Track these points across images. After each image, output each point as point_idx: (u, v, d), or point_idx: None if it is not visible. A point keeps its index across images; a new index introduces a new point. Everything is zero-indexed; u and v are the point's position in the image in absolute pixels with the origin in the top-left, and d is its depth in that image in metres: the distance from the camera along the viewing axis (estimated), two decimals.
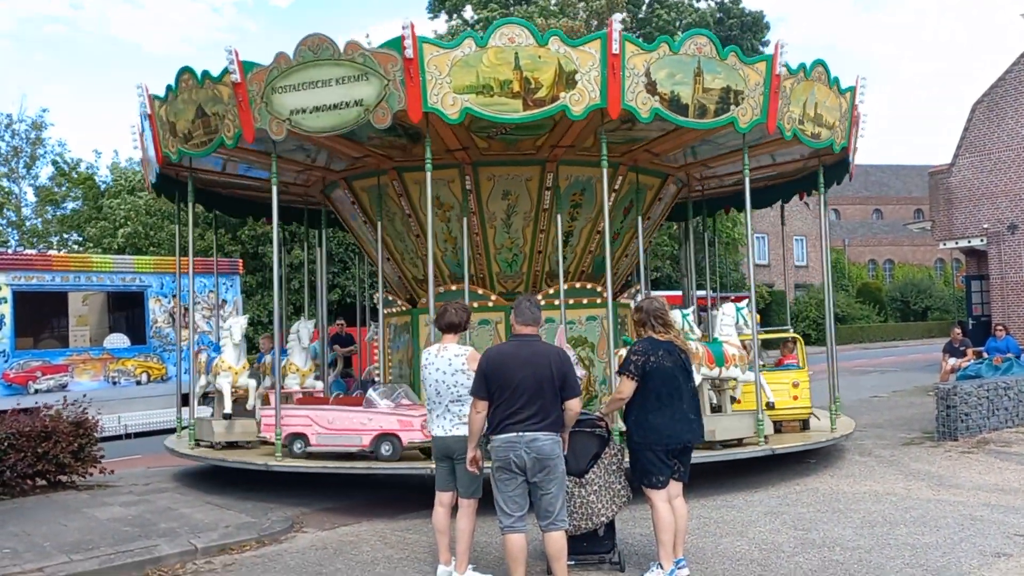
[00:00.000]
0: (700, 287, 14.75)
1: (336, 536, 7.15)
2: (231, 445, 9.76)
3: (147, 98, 9.50)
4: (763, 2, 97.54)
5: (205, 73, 8.51)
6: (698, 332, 9.53)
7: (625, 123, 8.43)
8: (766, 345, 14.72)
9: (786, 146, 9.70)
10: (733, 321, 9.51)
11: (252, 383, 10.09)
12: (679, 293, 14.57)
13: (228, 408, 9.75)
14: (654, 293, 13.98)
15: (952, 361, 15.48)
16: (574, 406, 5.19)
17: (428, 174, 8.11)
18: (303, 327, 10.60)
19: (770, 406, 9.19)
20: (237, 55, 8.05)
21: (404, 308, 10.72)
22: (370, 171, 10.04)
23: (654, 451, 5.44)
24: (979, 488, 8.11)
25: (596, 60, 7.63)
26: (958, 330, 16.71)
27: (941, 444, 10.54)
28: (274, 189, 8.87)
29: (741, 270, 38.80)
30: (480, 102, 7.62)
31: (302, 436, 8.68)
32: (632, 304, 10.16)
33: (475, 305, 9.87)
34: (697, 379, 9.08)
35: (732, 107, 8.13)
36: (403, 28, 7.46)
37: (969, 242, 21.50)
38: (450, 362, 5.57)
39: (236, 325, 10.13)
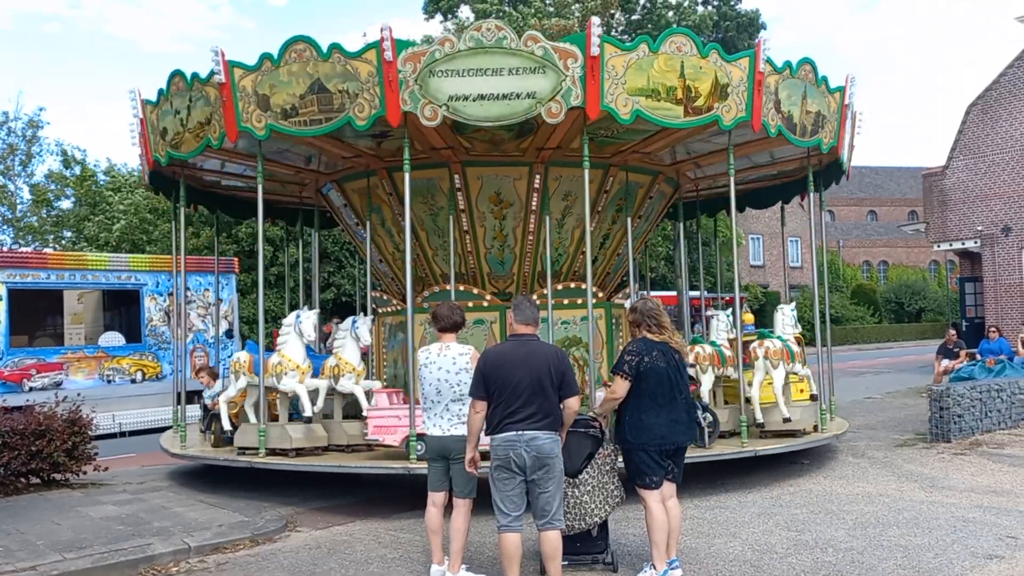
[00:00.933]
0: (695, 287, 14.78)
1: (330, 535, 7.15)
2: (300, 452, 8.71)
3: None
4: (759, 3, 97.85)
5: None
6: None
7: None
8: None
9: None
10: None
11: (323, 384, 9.02)
12: (674, 293, 14.59)
13: (309, 411, 8.65)
14: (649, 293, 13.99)
15: (945, 363, 15.54)
16: (573, 404, 5.21)
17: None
18: (305, 317, 9.49)
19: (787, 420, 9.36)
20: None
21: (399, 307, 10.72)
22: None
23: (648, 451, 5.45)
24: (972, 490, 8.14)
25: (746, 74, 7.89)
26: (952, 332, 16.79)
27: (934, 445, 10.59)
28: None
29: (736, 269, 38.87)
30: (648, 105, 7.85)
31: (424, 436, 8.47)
32: (626, 304, 10.18)
33: (470, 304, 9.88)
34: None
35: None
36: (594, 26, 7.67)
37: (963, 244, 21.59)
38: (454, 361, 5.58)
39: (307, 320, 8.93)
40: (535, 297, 9.81)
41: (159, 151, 9.37)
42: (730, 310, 10.06)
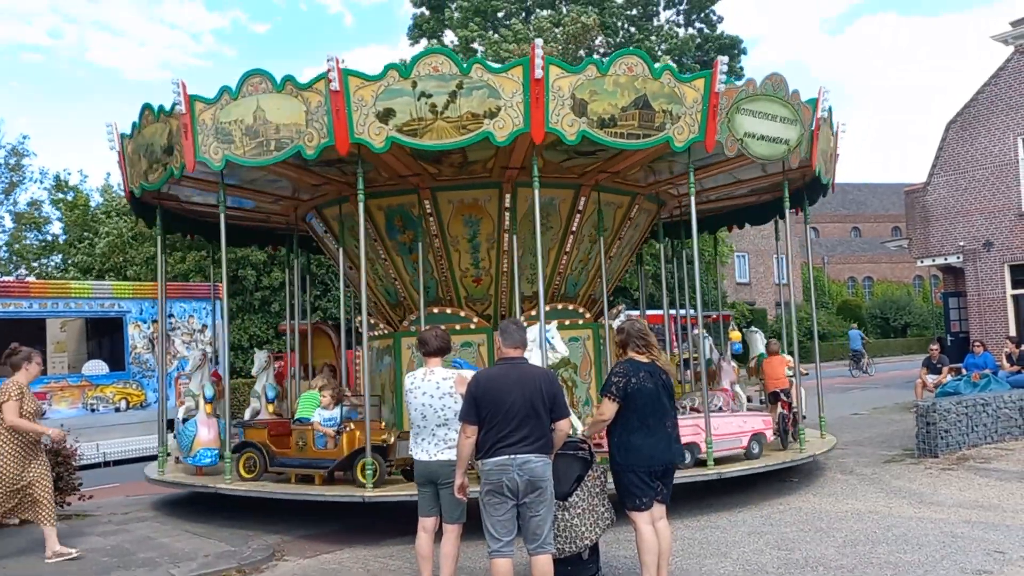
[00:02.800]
0: (681, 306, 14.81)
1: (318, 564, 7.07)
2: None
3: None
4: (737, 26, 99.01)
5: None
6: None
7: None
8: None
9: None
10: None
11: None
12: (660, 312, 14.63)
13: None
14: (632, 313, 14.04)
15: (930, 378, 15.62)
16: (564, 427, 5.20)
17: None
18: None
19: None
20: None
21: (386, 331, 10.70)
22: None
23: (637, 473, 5.44)
24: (960, 505, 8.16)
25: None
26: (935, 347, 16.88)
27: (922, 461, 10.62)
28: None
29: (723, 287, 39.01)
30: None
31: (693, 445, 8.56)
32: (612, 325, 10.19)
33: (456, 327, 9.87)
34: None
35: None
36: (821, 91, 9.33)
37: (946, 259, 21.77)
38: (438, 385, 5.56)
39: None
40: (523, 318, 9.82)
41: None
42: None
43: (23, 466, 7.08)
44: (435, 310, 9.99)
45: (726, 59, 8.57)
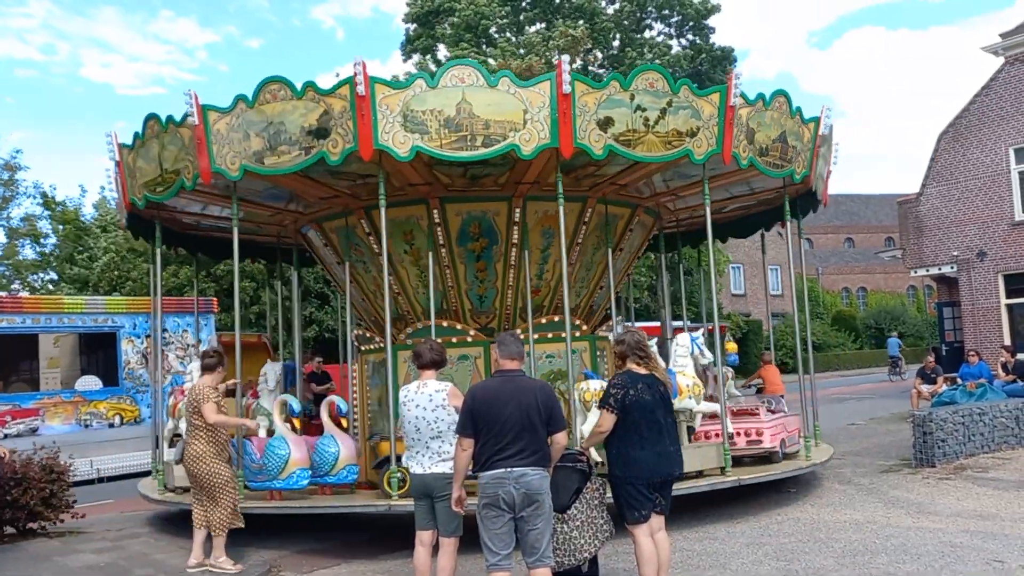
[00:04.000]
0: (679, 317, 14.84)
1: None
2: None
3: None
4: (725, 38, 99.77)
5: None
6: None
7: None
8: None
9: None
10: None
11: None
12: (658, 324, 14.63)
13: None
14: (633, 324, 14.02)
15: (924, 388, 15.63)
16: (561, 440, 5.17)
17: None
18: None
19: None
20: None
21: (381, 344, 10.65)
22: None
23: (635, 485, 5.42)
24: (958, 515, 8.15)
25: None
26: (930, 357, 16.91)
27: (919, 471, 10.61)
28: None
29: (719, 299, 39.07)
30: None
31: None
32: (611, 337, 10.18)
33: (453, 340, 9.84)
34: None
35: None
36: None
37: (939, 269, 21.84)
38: (431, 398, 5.55)
39: None
40: (519, 331, 9.81)
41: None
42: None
43: (221, 464, 7.13)
44: (433, 323, 9.95)
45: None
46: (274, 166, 8.05)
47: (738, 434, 9.51)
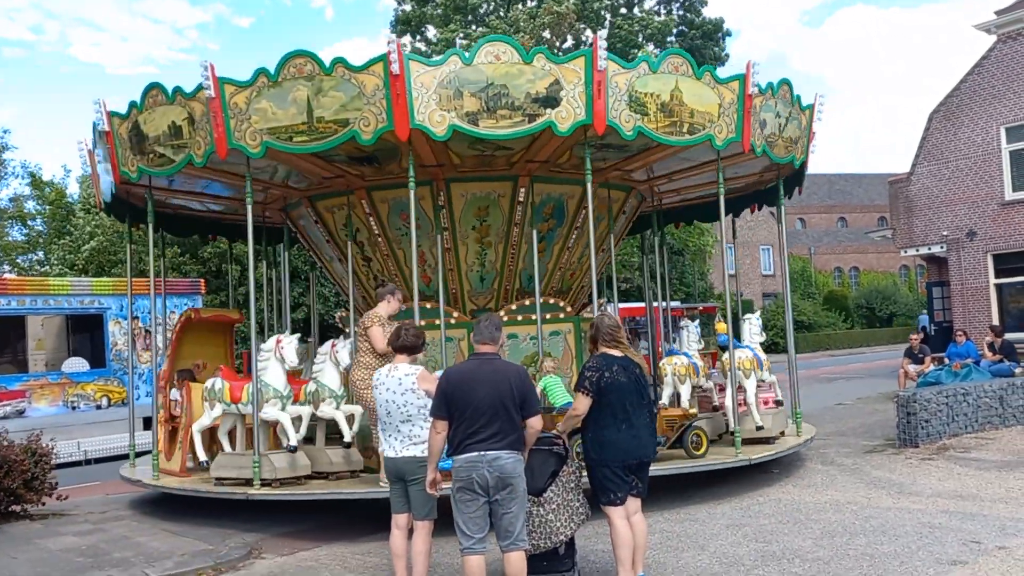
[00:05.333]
0: (663, 298, 14.78)
1: (295, 561, 7.02)
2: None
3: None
4: (721, 11, 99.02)
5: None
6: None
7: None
8: None
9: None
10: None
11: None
12: (641, 305, 14.61)
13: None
14: (618, 305, 14.02)
15: (911, 368, 15.67)
16: (535, 424, 5.14)
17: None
18: (287, 342, 9.17)
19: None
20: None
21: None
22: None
23: (611, 467, 5.42)
24: (938, 495, 8.18)
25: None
26: (915, 336, 16.94)
27: (902, 451, 10.64)
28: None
29: (709, 279, 39.05)
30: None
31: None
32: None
33: (436, 323, 9.80)
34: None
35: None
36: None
37: (929, 249, 21.83)
38: (400, 381, 5.52)
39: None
40: (502, 313, 9.78)
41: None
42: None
43: None
44: (428, 305, 9.88)
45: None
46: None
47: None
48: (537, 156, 9.10)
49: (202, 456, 9.03)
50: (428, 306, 9.76)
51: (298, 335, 9.36)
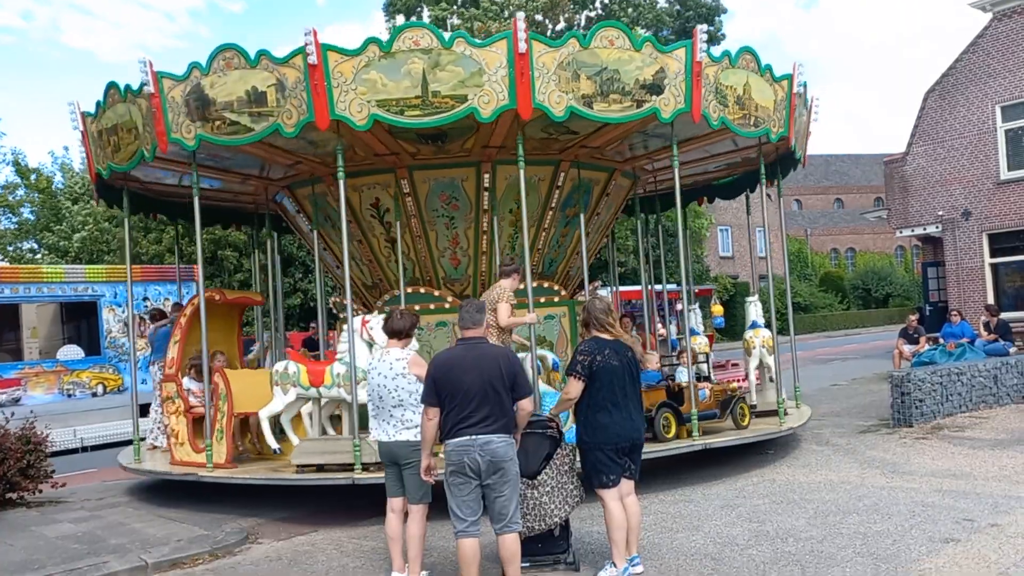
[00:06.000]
0: (660, 281, 14.79)
1: (291, 546, 7.05)
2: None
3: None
4: None
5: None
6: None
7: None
8: None
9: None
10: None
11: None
12: (638, 288, 14.61)
13: None
14: (601, 292, 14.02)
15: (906, 348, 15.70)
16: (526, 406, 5.14)
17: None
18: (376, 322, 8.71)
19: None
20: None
21: (359, 312, 10.60)
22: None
23: (604, 450, 5.43)
24: (932, 474, 8.22)
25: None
26: (912, 317, 16.96)
27: (896, 431, 10.69)
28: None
29: (705, 262, 39.06)
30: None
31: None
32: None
33: (431, 307, 9.82)
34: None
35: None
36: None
37: (924, 229, 21.83)
38: (391, 366, 5.52)
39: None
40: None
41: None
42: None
43: None
44: (409, 290, 9.91)
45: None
46: (415, 118, 7.74)
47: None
48: (491, 141, 8.99)
49: (273, 444, 8.81)
50: (410, 291, 9.74)
51: (382, 315, 9.05)
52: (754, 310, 12.75)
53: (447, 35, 7.64)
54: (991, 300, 19.67)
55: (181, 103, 7.95)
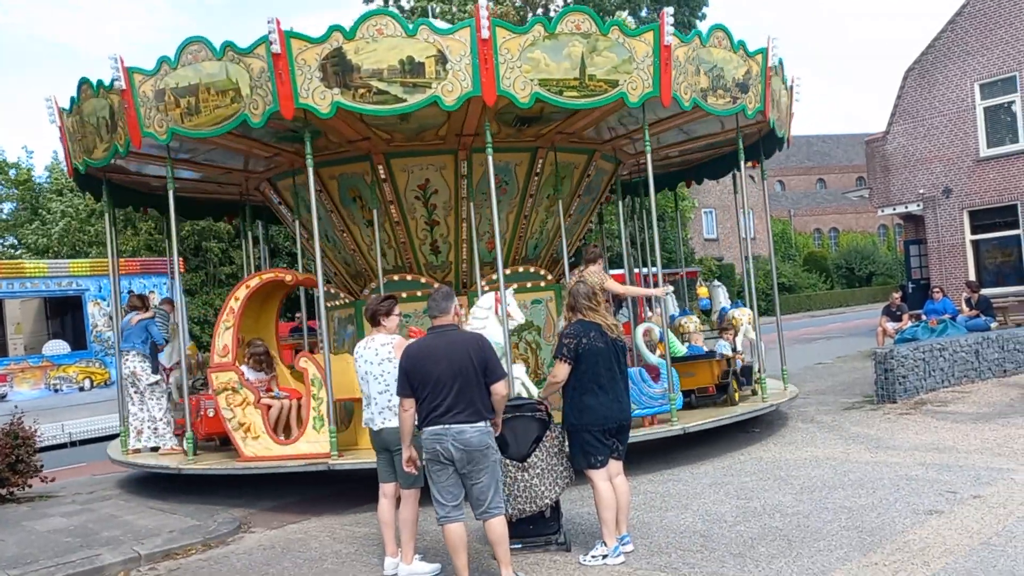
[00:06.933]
0: (646, 264, 14.84)
1: (284, 534, 7.09)
2: None
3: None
4: None
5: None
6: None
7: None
8: None
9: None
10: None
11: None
12: (621, 272, 14.66)
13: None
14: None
15: (890, 325, 15.87)
16: (500, 390, 5.10)
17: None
18: (511, 298, 8.60)
19: None
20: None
21: (347, 300, 10.63)
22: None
23: (591, 432, 5.49)
24: (915, 448, 8.35)
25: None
26: (895, 294, 17.13)
27: (881, 407, 10.83)
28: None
29: (690, 244, 39.23)
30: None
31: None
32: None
33: (418, 294, 9.84)
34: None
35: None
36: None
37: (906, 207, 22.00)
38: (376, 352, 5.56)
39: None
40: (484, 284, 9.79)
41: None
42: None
43: None
44: (395, 277, 9.93)
45: (671, 10, 8.49)
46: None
47: None
48: (463, 129, 8.96)
49: None
50: (395, 278, 9.76)
51: (513, 289, 8.88)
52: (722, 293, 13.02)
53: (605, 22, 8.06)
54: (972, 276, 19.89)
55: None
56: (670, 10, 8.37)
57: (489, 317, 7.98)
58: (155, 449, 9.73)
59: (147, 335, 9.81)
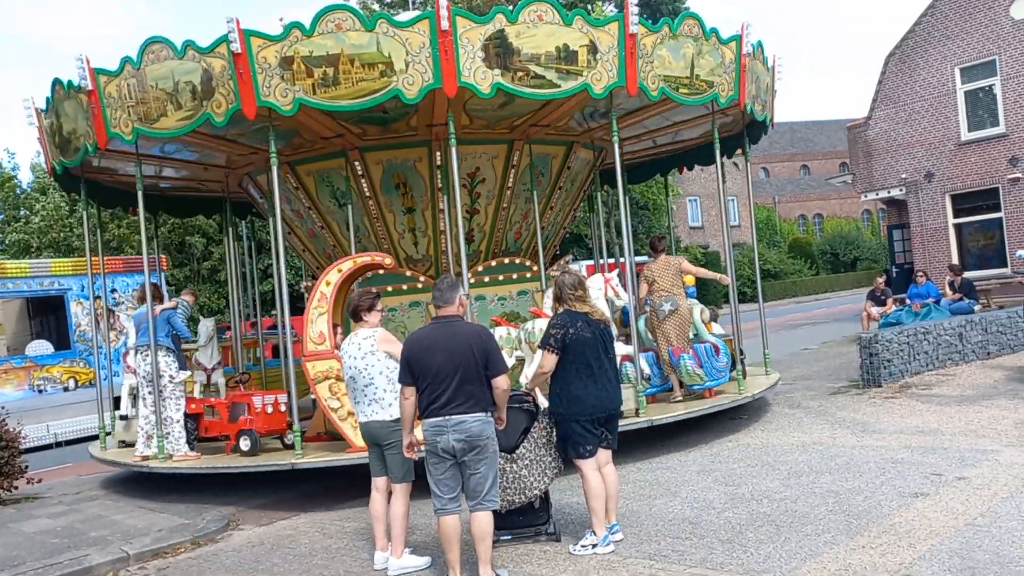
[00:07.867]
0: (636, 253, 14.85)
1: (273, 531, 7.07)
2: None
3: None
4: None
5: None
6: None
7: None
8: None
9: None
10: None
11: None
12: (612, 260, 14.67)
13: None
14: (573, 266, 14.06)
15: (874, 310, 15.97)
16: (501, 383, 5.10)
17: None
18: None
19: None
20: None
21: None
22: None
23: (579, 422, 5.49)
24: (901, 431, 8.41)
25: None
26: (880, 279, 17.23)
27: (866, 391, 10.90)
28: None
29: (676, 232, 39.28)
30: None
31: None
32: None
33: (404, 288, 9.82)
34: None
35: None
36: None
37: (889, 192, 22.13)
38: (359, 346, 5.56)
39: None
40: (470, 275, 9.77)
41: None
42: (615, 272, 10.30)
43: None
44: (380, 271, 9.87)
45: (636, 0, 8.37)
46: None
47: None
48: (433, 120, 8.90)
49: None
50: (381, 272, 9.70)
51: (617, 271, 9.94)
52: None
53: (707, 27, 8.72)
54: (955, 260, 20.04)
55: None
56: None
57: (599, 299, 8.26)
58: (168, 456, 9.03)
59: (170, 328, 9.04)
